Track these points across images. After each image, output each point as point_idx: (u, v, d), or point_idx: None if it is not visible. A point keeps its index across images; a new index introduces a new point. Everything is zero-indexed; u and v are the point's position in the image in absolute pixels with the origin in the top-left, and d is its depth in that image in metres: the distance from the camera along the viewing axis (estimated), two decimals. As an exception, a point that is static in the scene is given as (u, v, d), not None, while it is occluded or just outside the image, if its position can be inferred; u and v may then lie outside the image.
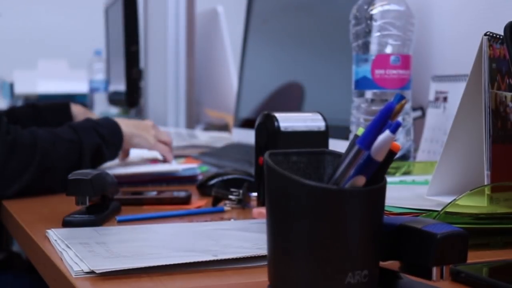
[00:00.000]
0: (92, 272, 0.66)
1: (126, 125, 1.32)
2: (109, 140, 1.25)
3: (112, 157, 1.28)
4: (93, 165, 1.22)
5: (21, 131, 1.16)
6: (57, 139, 1.18)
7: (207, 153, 1.69)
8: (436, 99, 1.23)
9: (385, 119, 0.53)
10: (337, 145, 0.83)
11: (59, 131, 1.21)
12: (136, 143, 1.33)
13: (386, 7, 1.18)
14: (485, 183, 0.82)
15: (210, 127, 2.49)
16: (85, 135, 1.21)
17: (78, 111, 1.59)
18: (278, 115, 0.90)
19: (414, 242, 0.54)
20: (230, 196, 1.02)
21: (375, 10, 1.18)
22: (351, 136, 1.21)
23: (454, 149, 0.88)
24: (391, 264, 0.57)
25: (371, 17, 1.18)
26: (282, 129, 0.89)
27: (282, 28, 1.71)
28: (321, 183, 0.55)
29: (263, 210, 0.91)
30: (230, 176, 1.13)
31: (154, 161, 1.40)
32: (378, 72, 1.17)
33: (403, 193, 0.95)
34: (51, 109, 1.56)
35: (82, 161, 1.20)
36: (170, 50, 2.40)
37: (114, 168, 1.30)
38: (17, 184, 1.13)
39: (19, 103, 3.02)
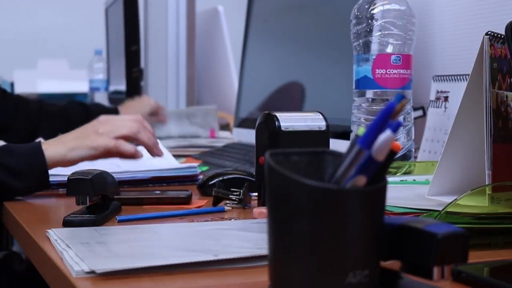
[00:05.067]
0: (92, 272, 0.66)
1: (60, 142, 1.18)
2: (19, 171, 1.11)
3: (29, 187, 1.13)
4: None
5: None
6: None
7: (208, 153, 1.69)
8: (437, 98, 1.23)
9: (386, 119, 0.53)
10: (338, 145, 0.83)
11: None
12: (78, 157, 1.16)
13: (387, 7, 1.18)
14: (486, 183, 0.82)
15: (211, 126, 2.49)
16: None
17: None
18: (278, 114, 0.90)
19: (415, 242, 0.54)
20: (231, 196, 1.02)
21: (376, 10, 1.18)
22: (352, 136, 1.21)
23: (455, 149, 0.88)
24: (392, 264, 0.57)
25: (372, 17, 1.17)
26: (283, 128, 0.89)
27: (283, 27, 1.71)
28: (321, 183, 0.54)
29: (263, 210, 0.91)
30: (230, 176, 1.13)
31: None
32: (379, 71, 1.17)
33: (404, 193, 0.94)
34: (103, 113, 1.47)
35: None
36: (170, 49, 2.40)
37: (114, 168, 1.30)
38: None
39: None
